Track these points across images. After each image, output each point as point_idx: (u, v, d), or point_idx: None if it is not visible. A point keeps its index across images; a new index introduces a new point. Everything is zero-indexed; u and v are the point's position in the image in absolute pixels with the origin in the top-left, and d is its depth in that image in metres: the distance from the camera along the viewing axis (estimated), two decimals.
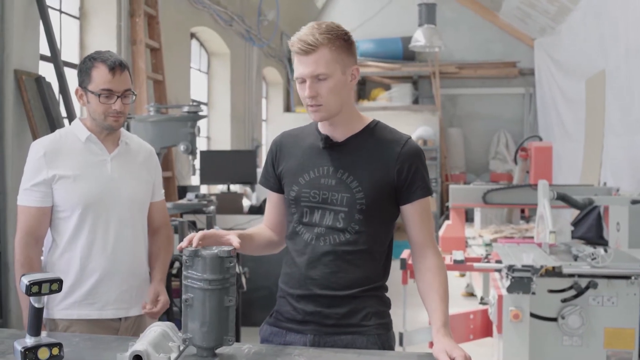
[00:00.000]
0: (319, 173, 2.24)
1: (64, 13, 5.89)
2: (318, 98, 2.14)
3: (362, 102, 12.67)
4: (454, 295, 8.28)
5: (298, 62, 2.15)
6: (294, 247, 2.29)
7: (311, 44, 2.10)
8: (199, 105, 5.14)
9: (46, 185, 2.62)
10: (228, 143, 9.60)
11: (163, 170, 6.67)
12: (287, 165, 2.31)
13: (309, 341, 2.22)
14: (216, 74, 9.75)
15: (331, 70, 2.12)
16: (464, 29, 12.49)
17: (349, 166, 2.21)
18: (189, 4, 7.90)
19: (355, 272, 2.21)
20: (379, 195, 2.19)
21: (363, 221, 2.19)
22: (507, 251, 4.53)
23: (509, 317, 3.88)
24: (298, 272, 2.25)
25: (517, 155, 7.39)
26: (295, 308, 2.25)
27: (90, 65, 2.61)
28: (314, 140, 2.28)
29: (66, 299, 2.67)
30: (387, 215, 2.25)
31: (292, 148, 2.32)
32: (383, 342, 2.23)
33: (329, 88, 2.13)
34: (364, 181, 2.19)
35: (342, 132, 2.25)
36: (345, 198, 2.19)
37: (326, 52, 2.11)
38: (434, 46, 9.12)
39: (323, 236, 2.21)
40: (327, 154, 2.24)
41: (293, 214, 2.29)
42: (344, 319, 2.21)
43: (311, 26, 2.14)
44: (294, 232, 2.29)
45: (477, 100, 12.81)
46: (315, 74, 2.12)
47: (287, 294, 2.28)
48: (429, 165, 11.70)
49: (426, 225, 2.25)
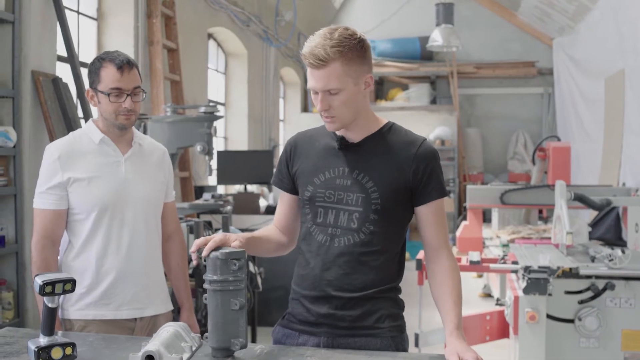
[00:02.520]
0: (334, 173, 2.23)
1: (81, 14, 5.93)
2: (331, 110, 2.14)
3: (380, 102, 12.65)
4: (471, 296, 8.25)
5: (310, 74, 2.13)
6: (307, 249, 2.27)
7: (322, 59, 2.06)
8: (216, 106, 5.15)
9: (61, 188, 2.64)
10: (245, 143, 9.62)
11: (180, 170, 6.79)
12: (302, 165, 2.30)
13: (322, 343, 2.22)
14: (233, 74, 9.77)
15: (343, 84, 2.10)
16: (482, 28, 12.42)
17: (365, 167, 2.20)
18: (206, 4, 7.93)
19: (370, 274, 2.20)
20: (394, 195, 2.18)
21: (377, 221, 2.18)
22: (524, 252, 4.50)
23: (525, 319, 3.86)
24: (312, 273, 2.24)
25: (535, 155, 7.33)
26: (309, 310, 2.24)
27: (99, 65, 2.63)
28: (329, 140, 2.28)
29: (82, 299, 2.69)
30: (401, 216, 2.24)
31: (307, 148, 2.31)
32: (397, 344, 2.22)
33: (342, 101, 2.12)
34: (380, 181, 2.18)
35: (357, 133, 2.24)
36: (360, 198, 2.19)
37: (337, 67, 2.08)
38: (451, 46, 9.09)
39: (337, 237, 2.20)
40: (343, 155, 2.24)
41: (307, 214, 2.28)
42: (357, 321, 2.20)
43: (323, 35, 2.09)
44: (308, 233, 2.28)
45: (495, 100, 12.74)
46: (326, 89, 2.10)
47: (300, 295, 2.27)
48: (447, 166, 11.84)
49: (441, 227, 2.24)
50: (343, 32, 2.10)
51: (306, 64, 2.11)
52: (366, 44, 2.15)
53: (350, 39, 2.09)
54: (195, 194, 7.00)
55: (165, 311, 2.87)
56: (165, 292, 2.90)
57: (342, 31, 2.10)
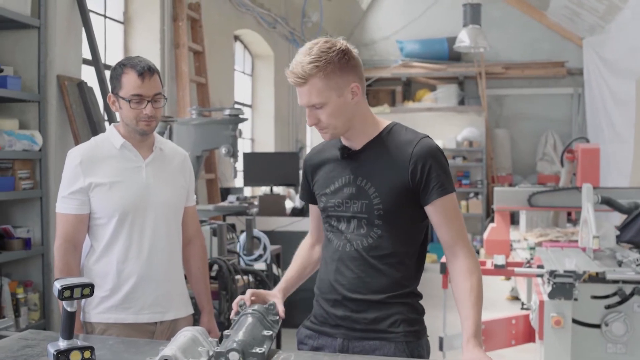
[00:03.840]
0: (342, 182, 2.27)
1: (108, 18, 5.98)
2: (320, 124, 2.17)
3: (408, 103, 12.59)
4: (499, 298, 8.18)
5: (297, 92, 2.17)
6: (326, 254, 2.34)
7: (300, 76, 2.10)
8: (240, 109, 5.17)
9: (83, 193, 2.66)
10: (272, 145, 9.65)
11: (206, 172, 6.82)
12: (317, 178, 2.37)
13: (338, 345, 2.25)
14: (260, 76, 9.80)
15: (325, 98, 2.12)
16: (511, 28, 12.30)
17: (367, 173, 2.23)
18: (232, 7, 7.96)
19: (383, 277, 2.21)
20: (396, 199, 2.18)
21: (383, 226, 2.20)
22: (550, 256, 4.45)
23: (550, 324, 3.81)
24: (327, 277, 2.30)
25: (564, 157, 7.25)
26: (328, 312, 2.29)
27: (120, 71, 2.65)
28: (336, 151, 2.31)
29: (103, 303, 2.71)
30: (409, 218, 2.23)
31: (319, 163, 2.37)
32: (412, 350, 2.21)
33: (328, 114, 2.15)
34: (381, 186, 2.19)
35: (358, 140, 2.26)
36: (364, 205, 2.21)
37: (316, 82, 2.10)
38: (478, 47, 9.00)
39: (350, 242, 2.25)
40: (347, 163, 2.27)
41: (325, 223, 2.36)
42: (372, 324, 2.22)
43: (303, 52, 2.12)
44: (327, 240, 2.35)
45: (525, 100, 12.60)
46: (310, 104, 2.14)
47: (320, 298, 2.34)
48: (475, 167, 11.76)
49: (453, 224, 2.21)
50: (322, 46, 2.11)
51: (290, 82, 2.15)
52: (349, 54, 2.14)
53: (328, 52, 2.10)
54: (221, 196, 7.03)
55: (186, 315, 2.88)
56: (185, 296, 2.91)
57: (321, 45, 2.12)
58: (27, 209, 4.14)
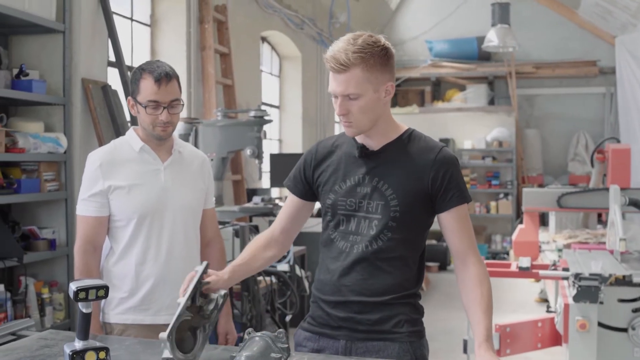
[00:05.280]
0: (355, 181, 2.25)
1: (135, 21, 6.04)
2: (349, 116, 2.16)
3: (437, 103, 12.52)
4: (527, 300, 8.10)
5: (331, 78, 2.15)
6: (328, 255, 2.31)
7: (343, 63, 2.08)
8: (265, 110, 5.18)
9: (102, 195, 2.69)
10: (300, 146, 9.65)
11: (232, 173, 6.85)
12: (324, 173, 2.33)
13: (341, 347, 2.24)
14: (287, 77, 9.82)
15: (362, 90, 2.11)
16: (541, 27, 12.15)
17: (384, 174, 2.22)
18: (259, 8, 7.98)
19: (388, 279, 2.21)
20: (412, 203, 2.19)
21: (396, 228, 2.19)
22: (577, 258, 4.39)
23: (575, 327, 3.76)
24: (331, 278, 2.27)
25: (594, 157, 7.15)
26: (329, 314, 2.27)
27: (139, 76, 2.67)
28: (349, 148, 2.30)
29: (122, 304, 2.74)
30: (420, 223, 2.25)
31: (328, 157, 2.34)
32: (415, 349, 2.23)
33: (360, 107, 2.13)
34: (399, 189, 2.19)
35: (377, 140, 2.25)
36: (379, 205, 2.20)
37: (358, 72, 2.09)
38: (507, 46, 8.92)
39: (357, 244, 2.23)
40: (363, 163, 2.25)
41: (329, 221, 2.31)
42: (376, 325, 2.21)
43: (347, 41, 2.11)
44: (329, 239, 2.31)
45: (556, 100, 12.45)
46: (345, 94, 2.12)
47: (320, 300, 2.31)
48: (505, 168, 11.66)
49: (465, 232, 2.23)
50: (367, 39, 2.11)
51: (328, 67, 2.13)
52: (390, 52, 2.16)
53: (374, 46, 2.10)
54: (247, 197, 7.05)
55: None
56: None
57: (366, 38, 2.11)
58: (53, 211, 4.19)
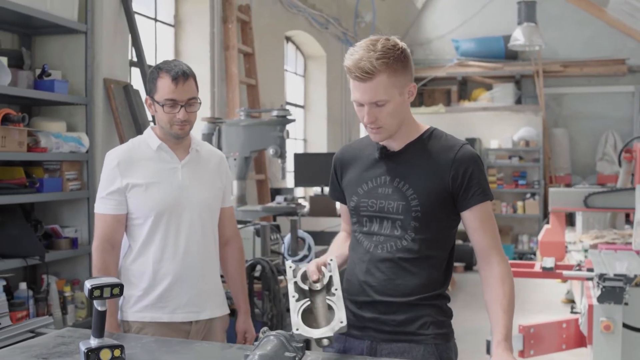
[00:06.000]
0: (376, 183, 2.25)
1: (159, 21, 6.07)
2: (377, 122, 2.14)
3: (463, 102, 12.44)
4: (554, 301, 8.02)
5: (355, 87, 2.12)
6: (354, 256, 2.32)
7: (368, 71, 2.06)
8: (288, 109, 5.18)
9: (120, 193, 2.71)
10: (325, 145, 9.65)
11: (256, 173, 6.85)
12: (348, 177, 2.34)
13: (366, 347, 2.24)
14: (312, 77, 9.82)
15: (390, 95, 2.10)
16: (569, 25, 12.01)
17: (405, 174, 2.21)
18: (283, 8, 7.98)
19: (413, 280, 2.20)
20: (434, 202, 2.17)
21: (419, 228, 2.18)
22: (602, 259, 4.33)
23: (600, 328, 3.71)
24: (356, 279, 2.27)
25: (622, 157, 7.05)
26: (355, 314, 2.27)
27: (156, 75, 2.68)
28: (371, 150, 2.30)
29: (139, 302, 2.75)
30: (445, 222, 2.23)
31: (351, 160, 2.35)
32: (441, 352, 2.20)
33: (388, 112, 2.13)
34: (419, 189, 2.18)
35: (399, 141, 2.24)
36: (400, 206, 2.19)
37: (384, 79, 2.07)
38: (533, 45, 8.85)
39: (381, 244, 2.23)
40: (384, 164, 2.25)
41: (354, 223, 2.33)
42: (400, 326, 2.20)
43: (365, 47, 2.08)
44: (355, 240, 2.33)
45: (584, 99, 12.30)
46: (373, 101, 2.10)
47: (348, 300, 2.29)
48: (532, 167, 11.54)
49: (488, 230, 2.20)
50: (385, 43, 2.09)
51: (351, 77, 2.11)
52: (407, 53, 2.14)
53: (394, 49, 2.09)
54: (271, 197, 7.06)
55: (221, 315, 2.90)
56: (221, 296, 2.93)
57: (384, 42, 2.09)
58: (75, 210, 4.22)
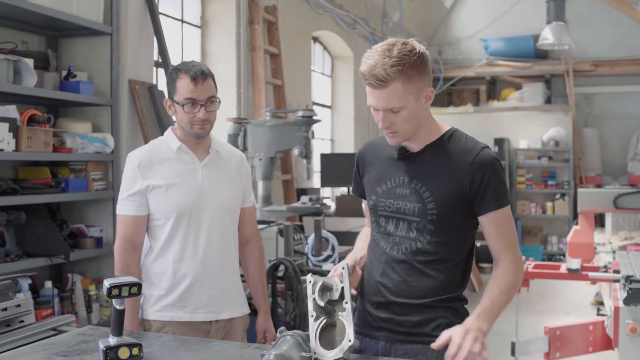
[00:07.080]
0: (395, 183, 2.25)
1: (185, 23, 6.12)
2: (392, 127, 2.13)
3: (492, 102, 12.34)
4: (583, 303, 7.93)
5: (369, 93, 2.11)
6: (372, 256, 2.32)
7: (382, 79, 2.04)
8: (313, 110, 5.18)
9: (141, 195, 2.73)
10: (352, 145, 9.65)
11: (282, 173, 6.87)
12: (369, 175, 2.35)
13: (380, 347, 2.24)
14: (340, 77, 9.82)
15: (404, 102, 2.08)
16: (600, 24, 11.86)
17: (422, 176, 2.20)
18: (310, 9, 7.99)
19: (429, 281, 2.19)
20: (450, 205, 2.16)
21: (435, 231, 2.17)
22: (629, 260, 4.28)
23: (626, 331, 3.66)
24: (373, 279, 2.28)
25: None
26: (371, 314, 2.28)
27: (175, 76, 2.70)
28: (391, 150, 2.28)
29: (160, 301, 2.78)
30: (462, 225, 2.21)
31: (372, 159, 2.35)
32: None
33: (403, 118, 2.11)
34: (436, 191, 2.16)
35: (418, 142, 2.23)
36: (417, 208, 2.18)
37: (398, 86, 2.05)
38: (563, 44, 8.75)
39: (397, 245, 2.22)
40: (403, 164, 2.24)
41: (373, 222, 2.34)
42: (415, 327, 2.20)
43: (381, 53, 2.05)
44: (374, 240, 2.33)
45: (615, 98, 12.12)
46: (388, 108, 2.09)
47: (365, 300, 2.31)
48: (561, 168, 11.41)
49: (503, 235, 2.19)
50: (402, 49, 2.05)
51: (365, 83, 2.09)
52: (425, 57, 2.10)
53: (410, 55, 2.05)
54: (297, 197, 7.08)
55: (242, 314, 2.91)
56: (241, 296, 2.94)
57: (400, 47, 2.06)
58: (100, 209, 4.27)
